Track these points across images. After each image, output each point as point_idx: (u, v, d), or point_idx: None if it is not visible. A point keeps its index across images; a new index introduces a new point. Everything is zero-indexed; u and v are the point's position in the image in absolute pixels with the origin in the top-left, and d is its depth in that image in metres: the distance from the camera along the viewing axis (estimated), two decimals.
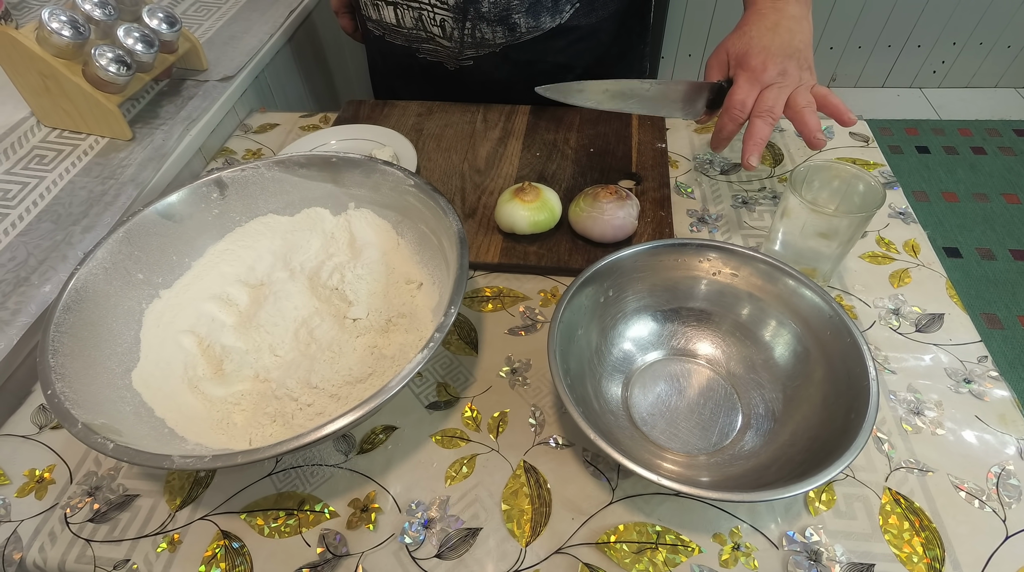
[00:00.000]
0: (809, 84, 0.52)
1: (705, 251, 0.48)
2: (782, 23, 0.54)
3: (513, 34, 0.71)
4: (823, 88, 0.51)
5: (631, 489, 0.43)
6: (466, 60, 0.75)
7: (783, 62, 0.52)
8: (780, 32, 0.53)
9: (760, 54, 0.53)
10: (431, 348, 0.40)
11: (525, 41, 0.73)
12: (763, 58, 0.52)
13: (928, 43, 2.09)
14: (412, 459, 0.46)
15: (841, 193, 0.51)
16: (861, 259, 0.58)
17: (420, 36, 0.74)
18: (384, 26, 0.75)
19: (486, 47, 0.73)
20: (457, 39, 0.72)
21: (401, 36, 0.75)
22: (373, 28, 0.78)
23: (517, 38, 0.72)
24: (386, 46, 0.79)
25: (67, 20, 0.62)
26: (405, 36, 0.75)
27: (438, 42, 0.73)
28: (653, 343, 0.51)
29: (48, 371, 0.39)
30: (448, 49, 0.73)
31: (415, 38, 0.74)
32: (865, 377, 0.39)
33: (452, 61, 0.76)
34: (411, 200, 0.53)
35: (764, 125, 0.51)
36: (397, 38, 0.76)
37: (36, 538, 0.43)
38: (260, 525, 0.43)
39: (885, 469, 0.44)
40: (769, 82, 0.52)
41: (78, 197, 0.64)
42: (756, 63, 0.53)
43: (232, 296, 0.54)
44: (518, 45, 0.73)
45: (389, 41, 0.77)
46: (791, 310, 0.46)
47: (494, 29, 0.71)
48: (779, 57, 0.52)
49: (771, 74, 0.52)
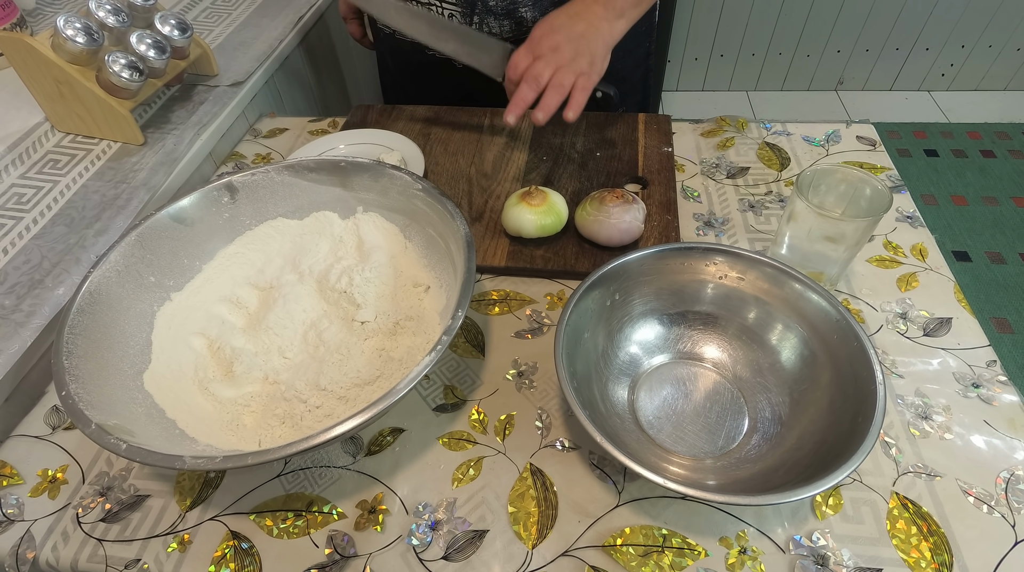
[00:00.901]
0: (578, 70, 0.58)
1: (712, 255, 0.49)
2: (583, 14, 0.59)
3: (520, 28, 0.72)
4: (584, 83, 0.58)
5: (637, 492, 0.44)
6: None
7: (560, 41, 0.58)
8: (575, 19, 0.59)
9: (545, 28, 0.59)
10: (439, 351, 0.40)
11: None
12: (545, 32, 0.59)
13: (936, 46, 2.08)
14: (419, 461, 0.46)
15: (848, 197, 0.51)
16: (868, 263, 0.58)
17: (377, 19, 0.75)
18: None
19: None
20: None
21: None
22: (383, 27, 0.79)
23: (524, 31, 0.73)
24: (396, 43, 0.80)
25: (81, 27, 0.63)
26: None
27: None
28: (659, 346, 0.51)
29: (62, 372, 0.40)
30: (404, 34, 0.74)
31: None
32: (872, 381, 0.39)
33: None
34: (419, 204, 0.54)
35: (528, 90, 0.58)
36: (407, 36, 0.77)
37: (49, 537, 0.44)
38: (269, 526, 0.43)
39: (892, 473, 0.44)
40: (541, 53, 0.58)
41: (91, 201, 0.64)
42: (537, 34, 0.59)
43: (242, 298, 0.55)
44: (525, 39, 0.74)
45: (399, 38, 0.78)
46: (798, 314, 0.46)
47: (501, 23, 0.72)
48: (559, 35, 0.58)
49: (544, 46, 0.58)
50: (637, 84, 0.86)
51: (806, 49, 2.12)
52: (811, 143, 0.72)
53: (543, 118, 0.59)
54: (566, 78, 0.58)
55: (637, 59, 0.84)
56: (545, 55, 0.58)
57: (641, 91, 0.88)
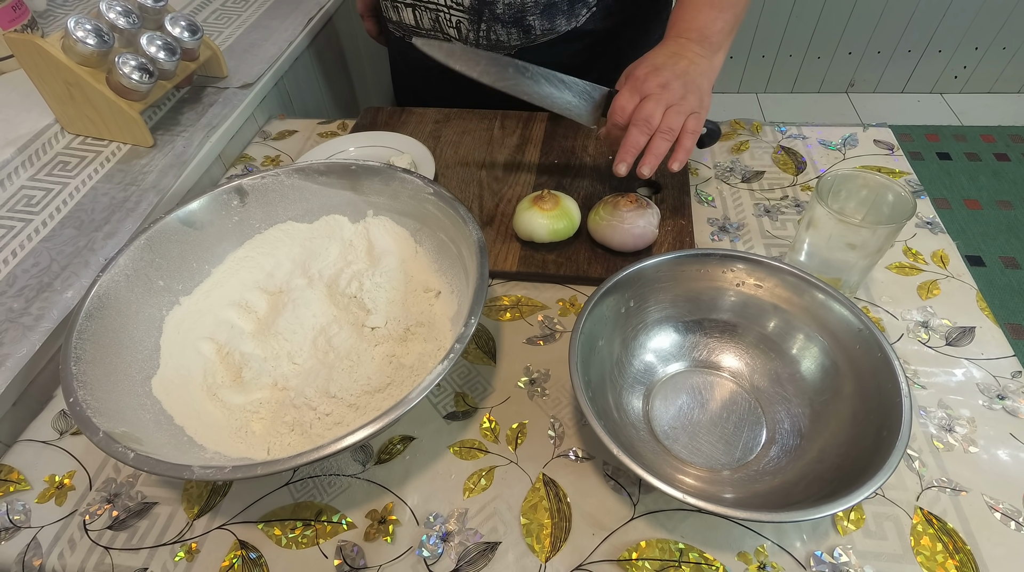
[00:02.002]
0: (688, 109, 0.53)
1: (730, 261, 0.48)
2: (682, 54, 0.56)
3: (528, 36, 0.72)
4: (694, 125, 0.53)
5: (653, 504, 0.43)
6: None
7: (668, 78, 0.53)
8: (676, 59, 0.55)
9: (647, 68, 0.55)
10: (451, 360, 0.39)
11: (540, 44, 0.73)
12: (648, 71, 0.54)
13: (950, 48, 2.06)
14: (430, 470, 0.45)
15: (869, 203, 0.49)
16: (888, 270, 0.57)
17: (437, 37, 0.75)
18: (404, 27, 0.77)
19: (501, 49, 0.73)
20: (473, 41, 0.73)
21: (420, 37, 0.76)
22: (394, 29, 0.79)
23: (532, 40, 0.72)
24: (406, 47, 0.80)
25: (92, 29, 0.63)
26: (423, 37, 0.75)
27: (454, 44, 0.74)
28: (675, 355, 0.50)
29: (70, 378, 0.40)
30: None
31: (433, 39, 0.75)
32: (897, 393, 0.38)
33: None
34: (430, 208, 0.53)
35: (639, 134, 0.52)
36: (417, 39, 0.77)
37: (56, 545, 0.43)
38: (277, 535, 0.43)
39: (916, 488, 0.42)
40: (649, 92, 0.53)
41: (100, 203, 0.64)
42: (640, 74, 0.55)
43: (251, 303, 0.54)
44: (533, 48, 0.73)
45: (409, 42, 0.78)
46: (818, 323, 0.45)
47: (509, 31, 0.71)
48: (665, 73, 0.54)
49: (652, 85, 0.53)
50: None
51: (817, 51, 2.11)
52: (827, 147, 0.71)
53: (649, 171, 0.53)
54: (676, 121, 0.52)
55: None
56: (654, 94, 0.53)
57: None
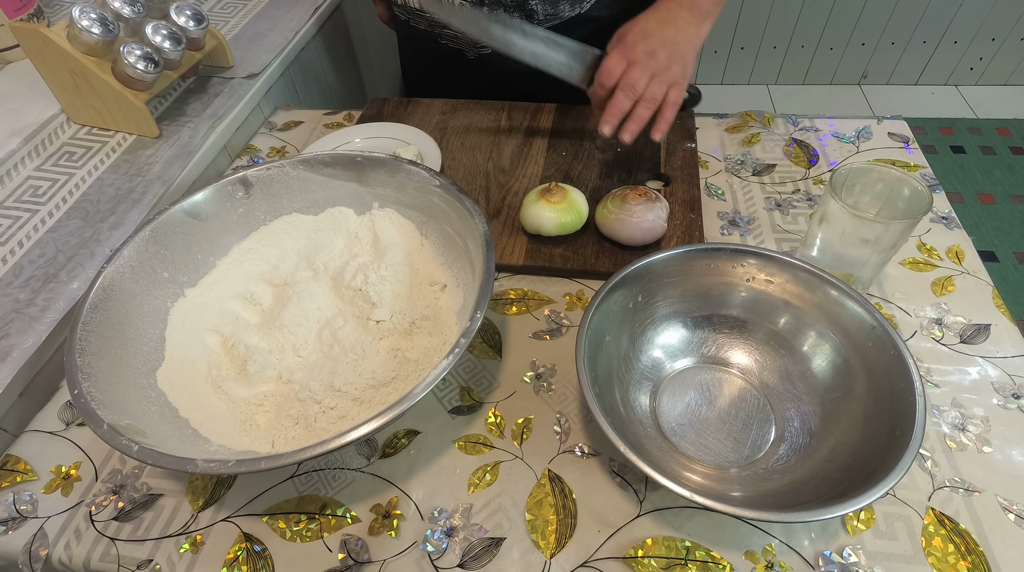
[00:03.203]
0: (672, 79, 0.56)
1: (741, 256, 0.47)
2: (671, 19, 0.57)
3: (530, 21, 0.71)
4: (676, 96, 0.56)
5: (659, 502, 0.42)
6: (484, 48, 0.75)
7: (655, 46, 0.55)
8: (666, 25, 0.56)
9: (637, 33, 0.56)
10: (456, 354, 0.39)
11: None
12: (638, 37, 0.56)
13: (965, 39, 2.02)
14: (435, 465, 0.45)
15: (884, 197, 0.48)
16: (901, 266, 0.56)
17: (441, 21, 0.74)
18: (408, 10, 0.77)
19: None
20: None
21: (424, 21, 0.76)
22: (399, 13, 0.79)
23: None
24: (411, 31, 0.80)
25: (97, 18, 0.62)
26: (428, 21, 0.76)
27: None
28: (683, 350, 0.49)
29: (75, 370, 0.39)
30: (467, 35, 0.73)
31: (436, 23, 0.75)
32: (911, 393, 0.37)
33: (471, 49, 0.76)
34: (436, 201, 0.52)
35: (624, 99, 0.55)
36: (420, 22, 0.77)
37: (62, 535, 0.43)
38: (282, 528, 0.43)
39: (928, 488, 0.42)
40: (636, 58, 0.55)
41: (106, 194, 0.64)
42: (630, 39, 0.56)
43: (256, 295, 0.54)
44: None
45: (414, 26, 0.78)
46: (831, 320, 0.44)
47: (511, 15, 0.70)
48: (653, 40, 0.55)
49: (639, 51, 0.55)
50: None
51: (829, 42, 2.07)
52: (841, 140, 0.69)
53: (630, 138, 0.56)
54: (659, 90, 0.55)
55: None
56: (640, 61, 0.55)
57: None
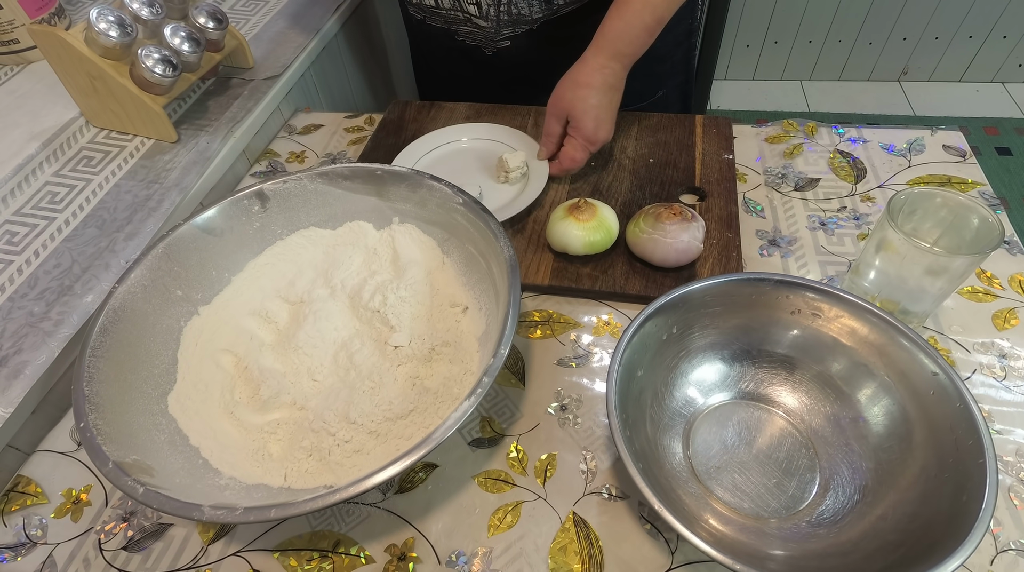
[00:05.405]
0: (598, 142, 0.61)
1: (786, 288, 0.43)
2: (616, 86, 0.60)
3: (550, 6, 0.69)
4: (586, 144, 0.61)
5: (692, 554, 0.39)
6: (503, 41, 0.73)
7: (598, 122, 0.60)
8: (613, 93, 0.60)
9: (587, 112, 0.59)
10: (478, 395, 0.36)
11: (563, 15, 0.70)
12: (586, 117, 0.59)
13: (1016, 34, 1.92)
14: (453, 502, 0.43)
15: (946, 224, 0.44)
16: (959, 295, 0.51)
17: (457, 17, 0.73)
18: (424, 9, 0.75)
19: (523, 24, 0.71)
20: (493, 17, 0.70)
21: (440, 18, 0.75)
22: (414, 12, 0.77)
23: (554, 11, 0.69)
24: (427, 29, 0.78)
25: (115, 20, 0.61)
26: (444, 18, 0.74)
27: (475, 23, 0.72)
28: (719, 385, 0.46)
29: (82, 401, 0.38)
30: (485, 31, 0.73)
31: (453, 19, 0.74)
32: (980, 454, 0.33)
33: (489, 44, 0.74)
34: (459, 218, 0.50)
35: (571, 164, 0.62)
36: (436, 20, 0.75)
37: (71, 563, 0.42)
38: (293, 566, 0.41)
39: (990, 551, 0.38)
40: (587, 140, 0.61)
41: (123, 202, 0.63)
42: (580, 122, 0.60)
43: (271, 312, 0.52)
44: (556, 20, 0.70)
45: (430, 24, 0.76)
46: (885, 362, 0.41)
47: (530, 3, 0.69)
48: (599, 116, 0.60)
49: (588, 132, 0.60)
50: (678, 64, 0.80)
51: (868, 36, 1.98)
52: (891, 152, 0.65)
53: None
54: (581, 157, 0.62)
55: (678, 36, 0.77)
56: (588, 141, 0.61)
57: (683, 71, 0.82)
